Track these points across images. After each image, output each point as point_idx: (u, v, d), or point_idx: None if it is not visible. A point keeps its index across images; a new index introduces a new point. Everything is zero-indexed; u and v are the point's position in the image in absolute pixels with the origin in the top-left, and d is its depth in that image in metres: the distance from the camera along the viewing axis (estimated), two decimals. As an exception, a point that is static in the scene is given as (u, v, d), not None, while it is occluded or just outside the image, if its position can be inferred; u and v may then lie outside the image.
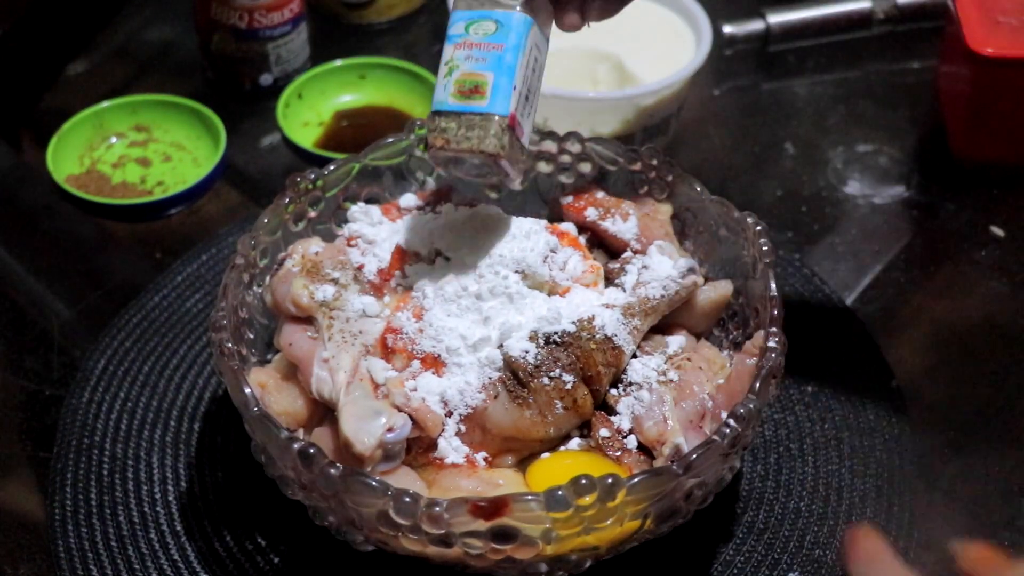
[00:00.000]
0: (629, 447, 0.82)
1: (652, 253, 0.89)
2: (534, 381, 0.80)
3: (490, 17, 0.81)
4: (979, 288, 1.05)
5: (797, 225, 1.11)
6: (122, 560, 0.86)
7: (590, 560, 0.77)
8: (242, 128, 1.20)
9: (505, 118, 0.80)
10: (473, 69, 0.81)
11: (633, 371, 0.84)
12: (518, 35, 0.81)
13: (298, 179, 0.91)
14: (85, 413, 0.95)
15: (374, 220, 0.90)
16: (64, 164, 1.14)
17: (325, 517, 0.78)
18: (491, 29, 0.81)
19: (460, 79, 0.81)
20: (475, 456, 0.82)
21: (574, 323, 0.82)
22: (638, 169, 0.94)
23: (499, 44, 0.81)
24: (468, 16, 0.82)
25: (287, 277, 0.86)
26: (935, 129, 1.19)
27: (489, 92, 0.80)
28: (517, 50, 0.81)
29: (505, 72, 0.81)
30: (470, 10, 0.82)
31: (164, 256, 1.08)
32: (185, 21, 1.26)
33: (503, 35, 0.81)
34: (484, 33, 0.81)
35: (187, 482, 0.91)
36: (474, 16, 0.82)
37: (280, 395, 0.84)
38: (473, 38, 0.81)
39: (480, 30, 0.81)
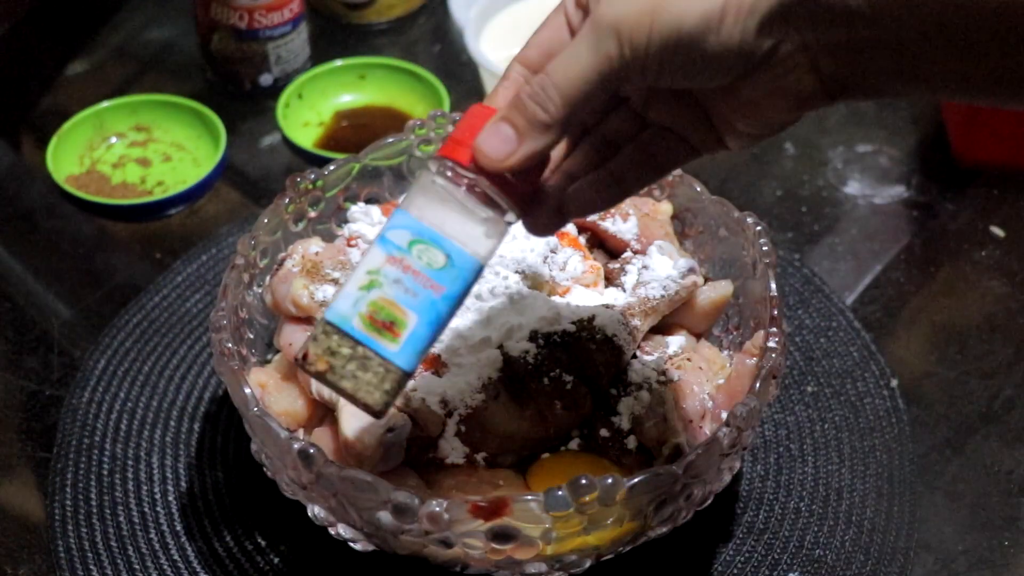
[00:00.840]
0: (629, 447, 0.82)
1: (652, 253, 0.89)
2: (534, 381, 0.80)
3: (441, 247, 0.65)
4: (979, 288, 1.05)
5: (797, 225, 1.11)
6: (122, 560, 0.86)
7: (590, 560, 0.77)
8: (242, 128, 1.20)
9: (407, 375, 0.66)
10: (397, 300, 0.65)
11: (633, 371, 0.84)
12: (464, 282, 0.66)
13: (298, 179, 0.91)
14: (85, 413, 0.95)
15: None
16: (64, 164, 1.14)
17: (325, 517, 0.78)
18: (438, 261, 0.65)
19: (377, 303, 0.65)
20: (475, 456, 0.82)
21: (574, 323, 0.82)
22: (638, 169, 0.93)
23: (439, 286, 0.65)
24: (417, 230, 0.65)
25: (287, 277, 0.86)
26: (935, 129, 1.19)
27: (403, 337, 0.65)
28: (454, 300, 0.66)
29: (431, 322, 0.65)
30: (421, 223, 0.65)
31: (164, 256, 1.08)
32: (185, 21, 1.26)
33: (448, 277, 0.65)
34: (428, 262, 0.65)
35: (187, 482, 0.91)
36: (423, 235, 0.65)
37: (280, 395, 0.84)
38: (413, 262, 0.65)
39: (425, 256, 0.65)
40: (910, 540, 0.88)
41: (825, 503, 0.89)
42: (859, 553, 0.87)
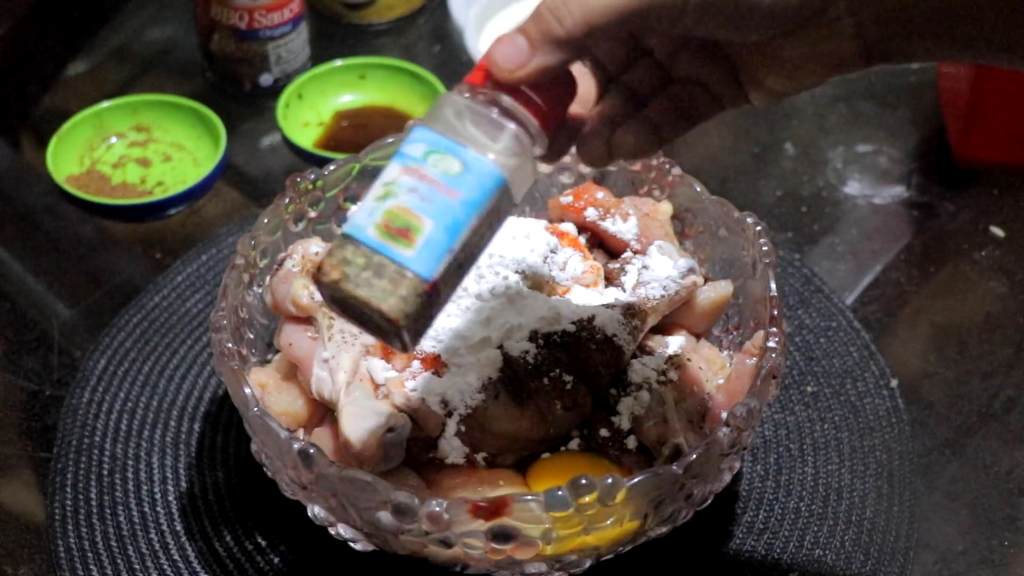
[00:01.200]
0: (629, 447, 0.82)
1: (652, 253, 0.89)
2: (534, 381, 0.80)
3: (457, 154, 0.64)
4: (979, 288, 1.05)
5: (797, 225, 1.11)
6: (122, 560, 0.86)
7: (590, 560, 0.77)
8: (242, 128, 1.20)
9: (424, 282, 0.64)
10: (412, 207, 0.64)
11: (633, 371, 0.84)
12: (482, 190, 0.64)
13: (298, 179, 0.91)
14: (85, 413, 0.95)
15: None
16: (64, 164, 1.14)
17: (325, 517, 0.78)
18: (453, 169, 0.64)
19: (392, 211, 0.64)
20: (475, 456, 0.82)
21: (574, 323, 0.82)
22: (638, 169, 0.94)
23: (455, 191, 0.64)
24: (433, 141, 0.65)
25: (287, 277, 0.86)
26: (935, 129, 1.19)
27: (419, 242, 0.64)
28: (473, 207, 0.64)
29: (448, 228, 0.64)
30: (437, 134, 0.65)
31: (164, 256, 1.08)
32: (185, 21, 1.26)
33: (464, 182, 0.64)
34: (444, 170, 0.64)
35: (187, 482, 0.91)
36: (439, 145, 0.64)
37: (280, 395, 0.84)
38: (429, 170, 0.64)
39: (440, 165, 0.64)
40: (910, 540, 0.88)
41: (825, 503, 0.89)
42: (859, 553, 0.87)
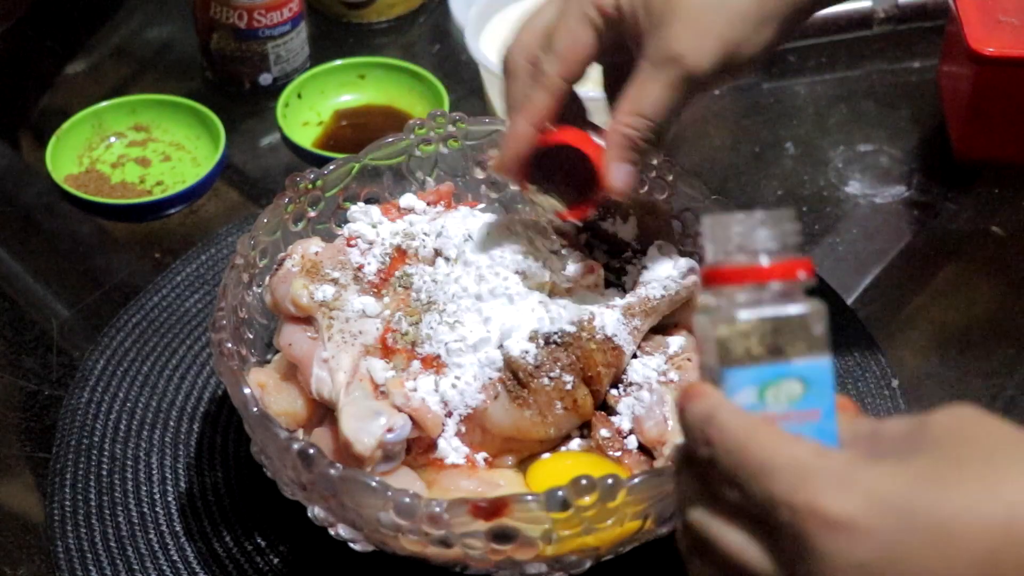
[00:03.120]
0: (629, 447, 0.82)
1: (652, 253, 0.89)
2: (534, 381, 0.80)
3: (789, 375, 0.56)
4: (980, 288, 1.05)
5: (797, 225, 1.10)
6: (121, 560, 0.86)
7: (590, 560, 0.77)
8: (242, 128, 1.20)
9: None
10: None
11: (633, 371, 0.84)
12: (829, 387, 0.56)
13: (298, 179, 0.91)
14: (84, 413, 0.95)
15: (374, 220, 0.90)
16: (63, 164, 1.14)
17: (325, 517, 0.78)
18: (796, 392, 0.56)
19: None
20: (475, 456, 0.82)
21: (574, 323, 0.82)
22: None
23: (812, 411, 0.56)
24: (757, 377, 0.56)
25: (287, 277, 0.86)
26: (936, 129, 1.19)
27: None
28: (831, 409, 0.56)
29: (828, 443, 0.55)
30: (754, 366, 0.56)
31: (164, 256, 1.08)
32: (184, 21, 1.26)
33: (816, 396, 0.56)
34: (789, 398, 0.56)
35: (187, 482, 0.91)
36: (767, 375, 0.55)
37: (280, 395, 0.84)
38: (774, 408, 0.55)
39: (782, 395, 0.56)
40: (911, 540, 0.88)
41: (825, 503, 0.89)
42: (860, 553, 0.87)
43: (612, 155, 0.79)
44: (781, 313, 0.56)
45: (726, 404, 0.54)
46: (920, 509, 0.49)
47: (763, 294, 0.56)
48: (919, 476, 0.50)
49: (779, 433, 0.53)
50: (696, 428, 0.54)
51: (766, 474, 0.51)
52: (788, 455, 0.51)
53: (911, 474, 0.50)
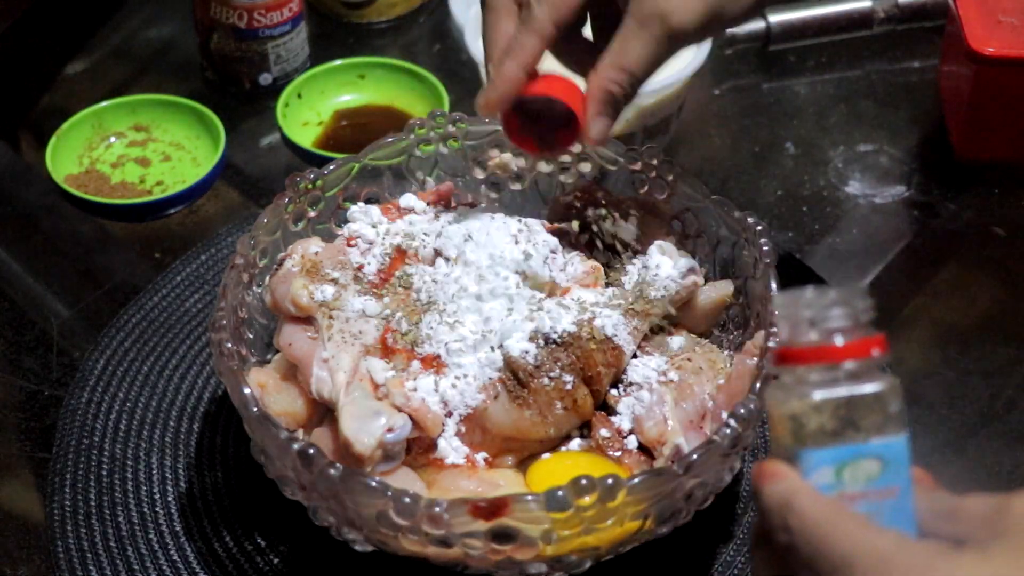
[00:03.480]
0: (629, 447, 0.82)
1: (652, 253, 0.89)
2: (534, 381, 0.80)
3: (866, 454, 0.55)
4: (980, 288, 1.05)
5: (797, 225, 1.11)
6: (121, 560, 0.86)
7: (590, 560, 0.77)
8: (242, 128, 1.20)
9: None
10: None
11: (633, 371, 0.84)
12: (905, 465, 0.56)
13: (298, 179, 0.91)
14: (84, 413, 0.95)
15: (374, 220, 0.90)
16: (63, 164, 1.14)
17: (325, 517, 0.78)
18: (874, 471, 0.56)
19: None
20: (475, 456, 0.82)
21: (574, 323, 0.82)
22: (638, 169, 0.93)
23: (890, 489, 0.55)
24: (834, 457, 0.55)
25: (287, 277, 0.86)
26: (936, 129, 1.19)
27: None
28: (908, 485, 0.56)
29: (908, 522, 0.56)
30: (831, 446, 0.55)
31: (164, 256, 1.08)
32: (185, 21, 1.26)
33: (893, 474, 0.56)
34: (866, 478, 0.55)
35: (187, 482, 0.91)
36: (843, 455, 0.55)
37: (280, 395, 0.84)
38: (852, 487, 0.55)
39: (859, 475, 0.55)
40: (911, 540, 0.88)
41: (825, 503, 0.89)
42: (860, 553, 0.87)
43: (593, 108, 0.80)
44: (856, 392, 0.56)
45: (805, 489, 0.54)
46: None
47: (837, 373, 0.56)
48: (1004, 568, 0.50)
49: (861, 523, 0.52)
50: (775, 513, 0.54)
51: (848, 566, 0.51)
52: (870, 547, 0.51)
53: (991, 567, 0.50)
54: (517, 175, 0.97)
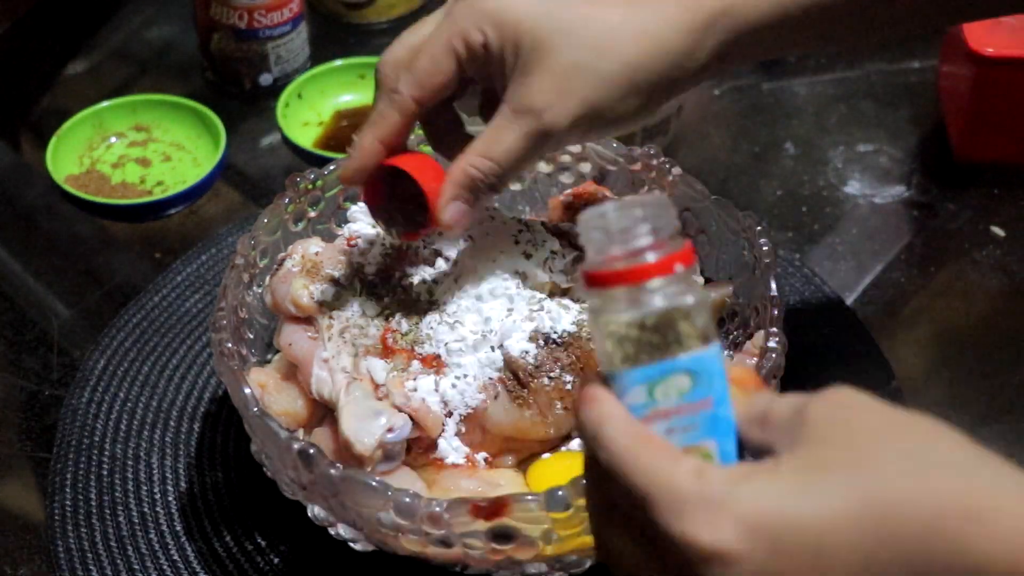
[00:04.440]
0: (629, 447, 0.82)
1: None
2: (534, 381, 0.80)
3: (678, 368, 0.55)
4: (979, 288, 1.05)
5: (797, 225, 1.11)
6: (122, 560, 0.86)
7: (590, 560, 0.77)
8: (242, 128, 1.20)
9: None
10: (687, 444, 0.56)
11: (633, 371, 0.84)
12: (719, 373, 0.56)
13: (298, 179, 0.91)
14: (85, 413, 0.95)
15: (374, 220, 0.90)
16: (64, 164, 1.14)
17: (325, 517, 0.78)
18: (685, 385, 0.56)
19: None
20: (475, 456, 0.82)
21: (574, 323, 0.82)
22: (638, 169, 0.93)
23: (704, 400, 0.56)
24: (643, 376, 0.55)
25: (287, 277, 0.86)
26: (936, 129, 1.19)
27: (720, 460, 0.56)
28: (724, 393, 0.56)
29: (725, 431, 0.56)
30: (640, 366, 0.55)
31: (164, 256, 1.08)
32: (185, 21, 1.26)
33: (705, 386, 0.56)
34: (679, 392, 0.55)
35: (187, 482, 0.91)
36: (652, 374, 0.55)
37: (280, 395, 0.84)
38: (664, 404, 0.55)
39: (671, 390, 0.55)
40: (910, 540, 0.88)
41: (825, 503, 0.89)
42: (859, 553, 0.87)
43: (449, 191, 0.77)
44: (661, 308, 0.55)
45: (614, 415, 0.55)
46: (789, 527, 0.50)
47: (642, 291, 0.55)
48: (789, 487, 0.51)
49: (660, 454, 0.53)
50: (590, 438, 0.55)
51: (649, 503, 0.52)
52: (666, 482, 0.52)
53: (782, 486, 0.51)
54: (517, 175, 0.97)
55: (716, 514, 0.50)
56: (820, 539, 0.49)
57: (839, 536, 0.49)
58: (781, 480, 0.51)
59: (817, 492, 0.50)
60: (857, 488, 0.50)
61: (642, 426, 0.55)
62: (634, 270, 0.55)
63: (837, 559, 0.49)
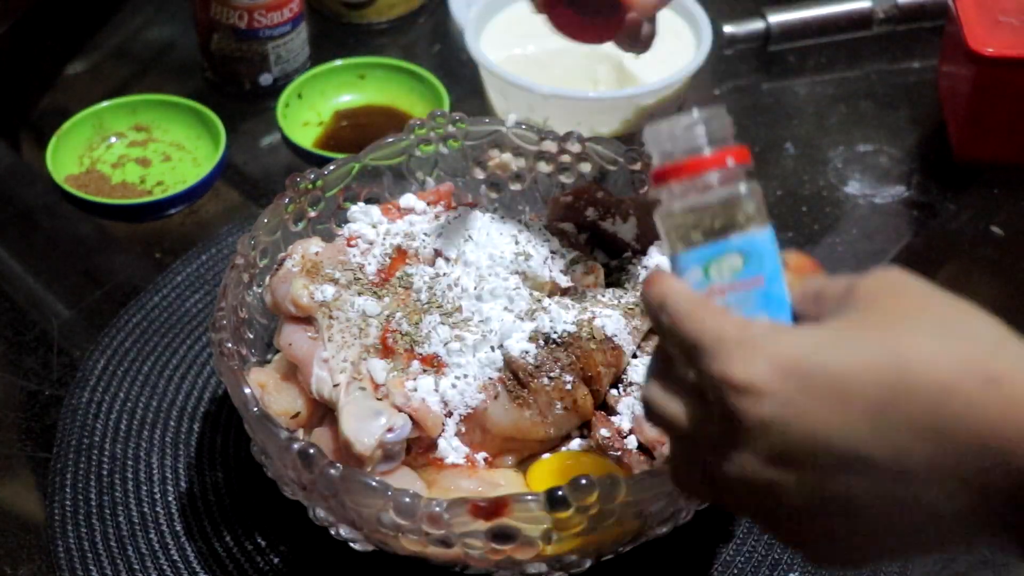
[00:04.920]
0: (629, 447, 0.82)
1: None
2: (534, 381, 0.80)
3: (731, 249, 0.61)
4: (979, 288, 1.05)
5: (797, 225, 1.11)
6: (122, 560, 0.86)
7: (590, 560, 0.77)
8: (242, 128, 1.20)
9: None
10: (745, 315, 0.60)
11: (633, 371, 0.84)
12: (770, 255, 0.62)
13: (298, 179, 0.91)
14: (85, 413, 0.95)
15: (374, 220, 0.90)
16: (64, 164, 1.14)
17: (325, 517, 0.78)
18: (738, 265, 0.61)
19: None
20: (475, 456, 0.82)
21: (574, 323, 0.82)
22: (638, 169, 0.93)
23: (756, 279, 0.61)
24: (700, 257, 0.62)
25: (287, 277, 0.86)
26: (936, 129, 1.19)
27: None
28: (776, 271, 0.62)
29: (778, 307, 0.61)
30: (696, 248, 0.62)
31: (164, 256, 1.08)
32: (185, 21, 1.26)
33: (756, 265, 0.61)
34: (732, 271, 0.61)
35: (187, 482, 0.91)
36: (707, 254, 0.61)
37: (280, 395, 0.84)
38: (719, 281, 0.61)
39: (725, 269, 0.61)
40: (910, 540, 0.88)
41: (825, 503, 0.89)
42: (859, 553, 0.87)
43: None
44: (716, 197, 0.62)
45: (675, 287, 0.60)
46: (817, 369, 0.54)
47: (700, 183, 0.62)
48: (825, 339, 0.55)
49: (714, 312, 0.58)
50: (652, 310, 0.61)
51: (697, 351, 0.57)
52: (714, 330, 0.57)
53: (818, 337, 0.56)
54: (517, 175, 0.97)
55: (752, 352, 0.55)
56: (844, 385, 0.53)
57: (861, 386, 0.53)
58: (819, 334, 0.56)
59: (850, 346, 0.54)
60: (887, 346, 0.54)
61: (699, 293, 0.60)
62: (691, 163, 0.62)
63: (855, 406, 0.53)
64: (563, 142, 0.95)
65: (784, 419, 0.54)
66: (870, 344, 0.54)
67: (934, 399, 0.52)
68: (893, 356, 0.53)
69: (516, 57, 1.18)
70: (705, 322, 0.58)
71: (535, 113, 1.11)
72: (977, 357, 0.53)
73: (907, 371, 0.53)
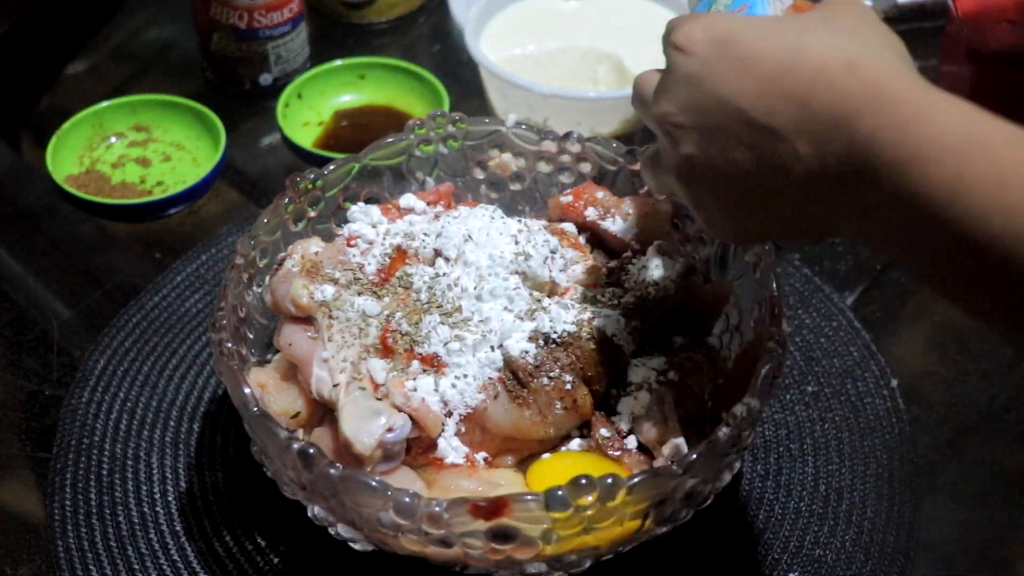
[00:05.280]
0: (629, 447, 0.82)
1: (652, 253, 0.89)
2: (534, 381, 0.80)
3: None
4: (979, 288, 1.05)
5: (797, 225, 1.10)
6: (122, 560, 0.86)
7: (590, 560, 0.77)
8: (242, 128, 1.20)
9: None
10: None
11: (633, 371, 0.84)
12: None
13: (298, 179, 0.91)
14: (85, 413, 0.95)
15: (374, 220, 0.90)
16: (64, 164, 1.14)
17: (325, 517, 0.78)
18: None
19: None
20: (475, 456, 0.82)
21: (574, 323, 0.82)
22: (638, 169, 0.93)
23: (740, 7, 0.76)
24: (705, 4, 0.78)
25: (287, 277, 0.86)
26: (935, 129, 1.19)
27: None
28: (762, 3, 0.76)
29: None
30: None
31: (164, 256, 1.08)
32: (185, 21, 1.26)
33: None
34: (724, 6, 0.77)
35: (187, 482, 0.91)
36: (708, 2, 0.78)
37: (280, 395, 0.84)
38: (716, 5, 0.77)
39: (719, 5, 0.77)
40: (910, 540, 0.88)
41: (825, 503, 0.89)
42: (859, 553, 0.87)
43: None
44: None
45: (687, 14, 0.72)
46: (739, 41, 0.66)
47: None
48: (756, 23, 0.67)
49: (711, 15, 0.70)
50: (666, 34, 0.71)
51: (665, 31, 0.71)
52: (710, 24, 0.68)
53: (752, 22, 0.68)
54: (517, 175, 0.97)
55: (695, 21, 0.68)
56: (751, 57, 0.65)
57: (761, 60, 0.65)
58: (754, 19, 0.69)
59: (770, 30, 0.66)
60: (796, 35, 0.65)
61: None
62: None
63: (752, 74, 0.65)
64: (563, 142, 0.95)
65: (700, 76, 0.67)
66: (787, 32, 0.65)
67: (808, 76, 0.63)
68: (795, 42, 0.64)
69: (516, 57, 1.18)
70: (701, 18, 0.69)
71: (535, 113, 1.11)
72: (852, 51, 0.63)
73: (798, 54, 0.64)
